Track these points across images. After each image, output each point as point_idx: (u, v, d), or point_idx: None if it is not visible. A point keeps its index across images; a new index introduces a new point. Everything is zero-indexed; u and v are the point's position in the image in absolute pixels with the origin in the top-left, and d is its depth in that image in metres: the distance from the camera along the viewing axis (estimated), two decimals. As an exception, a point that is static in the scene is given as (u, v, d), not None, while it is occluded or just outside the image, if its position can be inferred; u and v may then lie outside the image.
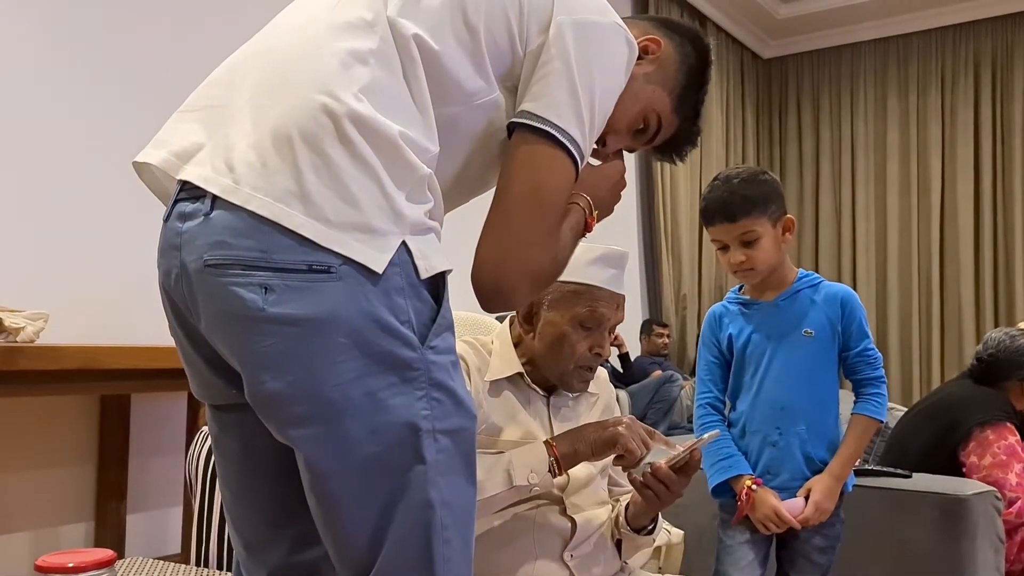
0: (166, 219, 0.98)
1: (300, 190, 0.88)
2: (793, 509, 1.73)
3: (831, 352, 1.82)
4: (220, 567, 1.79)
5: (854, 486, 1.92)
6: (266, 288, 0.88)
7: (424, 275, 0.93)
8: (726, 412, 1.92)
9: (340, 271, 0.88)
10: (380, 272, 0.89)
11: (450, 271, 0.98)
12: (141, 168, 1.03)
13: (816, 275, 1.88)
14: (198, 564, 1.79)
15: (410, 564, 0.91)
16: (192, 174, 0.94)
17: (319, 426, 0.89)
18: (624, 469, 1.53)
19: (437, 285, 0.96)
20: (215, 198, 0.91)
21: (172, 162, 0.97)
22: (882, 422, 1.81)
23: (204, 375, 1.03)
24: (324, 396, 0.88)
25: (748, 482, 1.76)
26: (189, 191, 0.94)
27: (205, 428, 1.72)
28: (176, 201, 0.96)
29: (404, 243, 0.91)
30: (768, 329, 1.83)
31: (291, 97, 0.92)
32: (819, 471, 1.79)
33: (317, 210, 0.88)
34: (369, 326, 0.89)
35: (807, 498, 1.75)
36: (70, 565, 1.02)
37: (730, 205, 1.75)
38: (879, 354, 1.83)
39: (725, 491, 1.82)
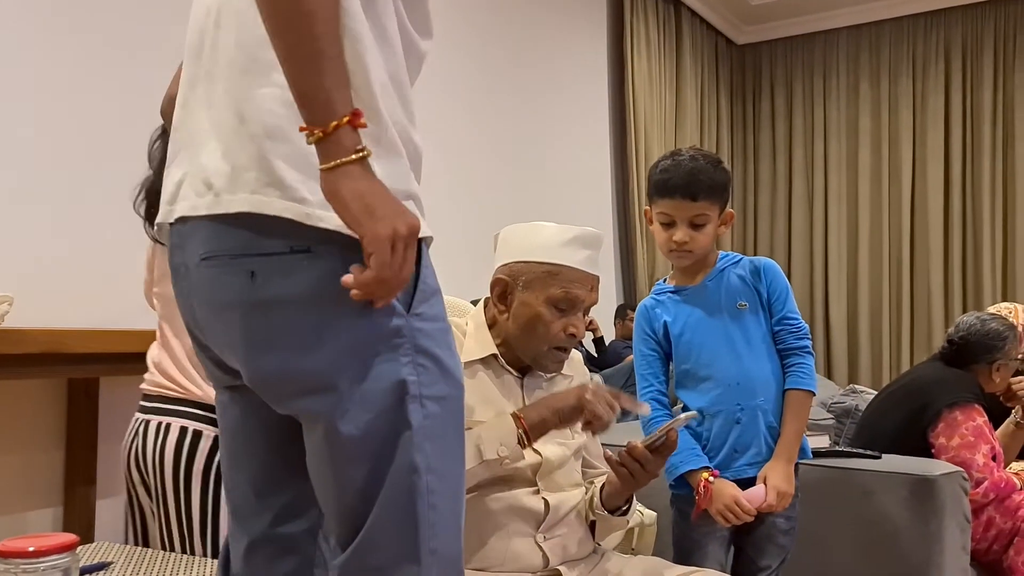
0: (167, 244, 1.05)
1: (272, 179, 0.92)
2: (754, 498, 1.71)
3: (766, 321, 1.83)
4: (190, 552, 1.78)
5: (823, 467, 1.93)
6: (252, 273, 0.93)
7: None
8: (672, 403, 1.91)
9: (318, 250, 0.92)
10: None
11: (430, 238, 1.00)
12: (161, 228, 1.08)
13: (736, 254, 1.89)
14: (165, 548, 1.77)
15: (395, 527, 0.94)
16: (181, 209, 0.99)
17: (314, 398, 0.93)
18: (594, 434, 1.52)
19: (418, 252, 0.97)
20: (204, 216, 0.96)
21: (167, 211, 1.04)
22: (813, 392, 1.80)
23: (210, 368, 1.10)
24: (315, 370, 0.93)
25: (705, 475, 1.75)
26: (182, 221, 1.01)
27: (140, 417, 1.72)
28: (172, 226, 1.03)
29: None
30: (703, 310, 1.83)
31: (244, 97, 0.95)
32: None
33: (293, 192, 0.92)
34: (351, 299, 0.91)
35: (766, 482, 1.74)
36: (31, 549, 1.00)
37: (695, 185, 1.73)
38: (804, 324, 1.84)
39: (682, 485, 1.81)
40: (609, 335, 5.46)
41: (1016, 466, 2.74)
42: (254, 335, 0.95)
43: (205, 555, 1.66)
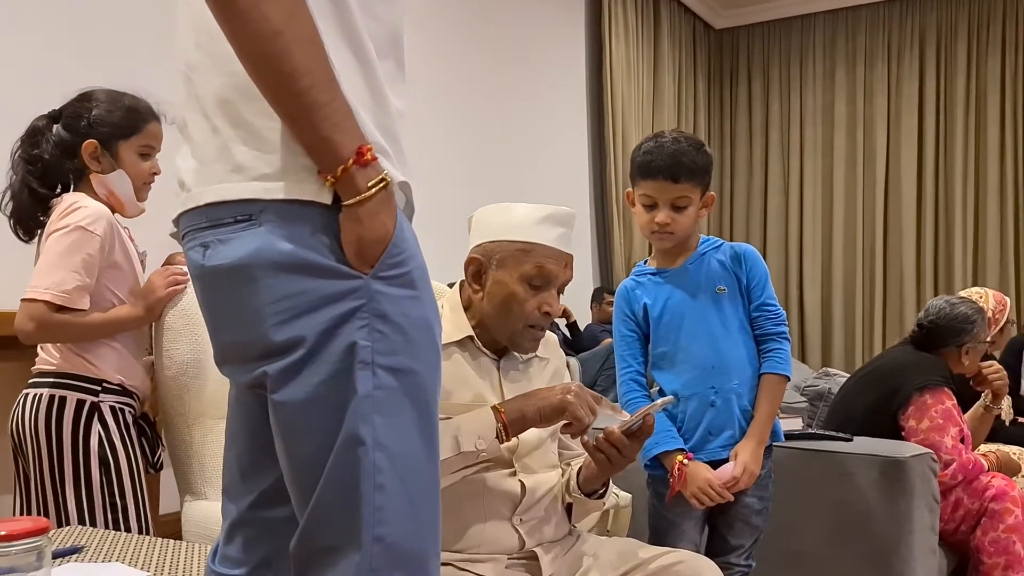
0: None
1: (234, 164, 0.92)
2: (723, 474, 1.74)
3: (744, 306, 1.84)
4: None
5: (795, 449, 1.96)
6: (205, 246, 0.93)
7: None
8: (649, 385, 1.92)
9: (260, 218, 0.90)
10: (330, 203, 0.90)
11: (407, 183, 0.95)
12: None
13: (717, 238, 1.90)
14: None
15: (338, 507, 0.89)
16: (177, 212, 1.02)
17: (264, 364, 0.91)
18: (572, 436, 1.53)
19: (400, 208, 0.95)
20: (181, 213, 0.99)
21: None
22: (788, 376, 1.83)
23: None
24: (268, 339, 0.90)
25: (680, 457, 1.77)
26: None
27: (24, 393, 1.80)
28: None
29: None
30: (682, 293, 1.84)
31: (204, 93, 0.96)
32: None
33: (252, 172, 0.91)
34: (292, 264, 0.89)
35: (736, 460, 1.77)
36: (2, 533, 0.99)
37: (677, 167, 1.74)
38: (781, 310, 1.86)
39: (657, 466, 1.83)
40: (586, 319, 5.47)
41: (984, 448, 2.79)
42: (209, 306, 0.97)
43: (80, 514, 1.73)
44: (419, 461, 0.93)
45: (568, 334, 5.19)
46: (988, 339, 2.72)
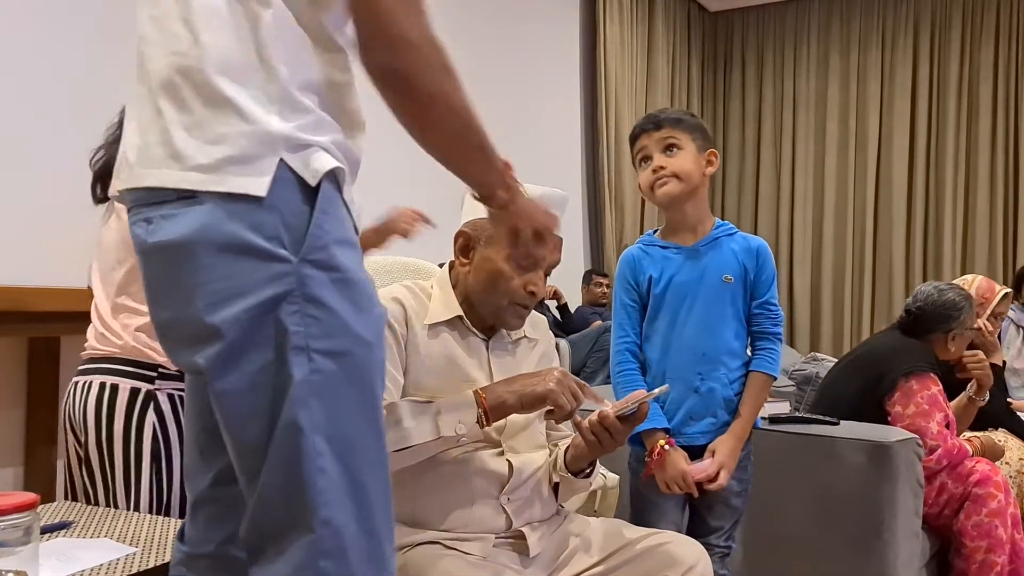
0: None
1: (173, 151, 0.93)
2: (698, 470, 1.76)
3: (745, 299, 1.85)
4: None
5: (783, 432, 1.96)
6: (148, 221, 0.94)
7: (313, 182, 0.93)
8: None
9: (202, 195, 0.90)
10: (263, 195, 0.90)
11: (340, 168, 0.96)
12: None
13: (731, 225, 1.90)
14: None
15: (283, 490, 0.90)
16: (116, 188, 1.03)
17: (203, 349, 0.91)
18: (557, 422, 1.53)
19: (314, 194, 0.93)
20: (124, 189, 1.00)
21: (117, 184, 1.04)
22: (774, 377, 1.85)
23: None
24: (200, 320, 0.90)
25: (662, 442, 1.77)
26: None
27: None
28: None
29: (282, 160, 0.92)
30: (690, 273, 1.83)
31: (153, 68, 0.96)
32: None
33: (190, 161, 0.91)
34: (232, 245, 0.89)
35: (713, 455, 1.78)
36: (-9, 507, 0.99)
37: (658, 117, 1.82)
38: (781, 312, 1.87)
39: (638, 441, 1.84)
40: (577, 300, 5.48)
41: (968, 434, 2.81)
42: (150, 282, 0.97)
43: (128, 508, 1.69)
44: (362, 442, 0.93)
45: (558, 316, 5.19)
46: (975, 325, 2.73)
